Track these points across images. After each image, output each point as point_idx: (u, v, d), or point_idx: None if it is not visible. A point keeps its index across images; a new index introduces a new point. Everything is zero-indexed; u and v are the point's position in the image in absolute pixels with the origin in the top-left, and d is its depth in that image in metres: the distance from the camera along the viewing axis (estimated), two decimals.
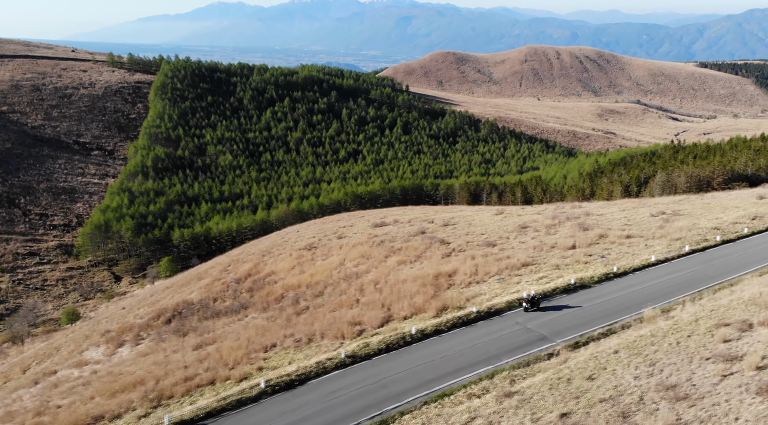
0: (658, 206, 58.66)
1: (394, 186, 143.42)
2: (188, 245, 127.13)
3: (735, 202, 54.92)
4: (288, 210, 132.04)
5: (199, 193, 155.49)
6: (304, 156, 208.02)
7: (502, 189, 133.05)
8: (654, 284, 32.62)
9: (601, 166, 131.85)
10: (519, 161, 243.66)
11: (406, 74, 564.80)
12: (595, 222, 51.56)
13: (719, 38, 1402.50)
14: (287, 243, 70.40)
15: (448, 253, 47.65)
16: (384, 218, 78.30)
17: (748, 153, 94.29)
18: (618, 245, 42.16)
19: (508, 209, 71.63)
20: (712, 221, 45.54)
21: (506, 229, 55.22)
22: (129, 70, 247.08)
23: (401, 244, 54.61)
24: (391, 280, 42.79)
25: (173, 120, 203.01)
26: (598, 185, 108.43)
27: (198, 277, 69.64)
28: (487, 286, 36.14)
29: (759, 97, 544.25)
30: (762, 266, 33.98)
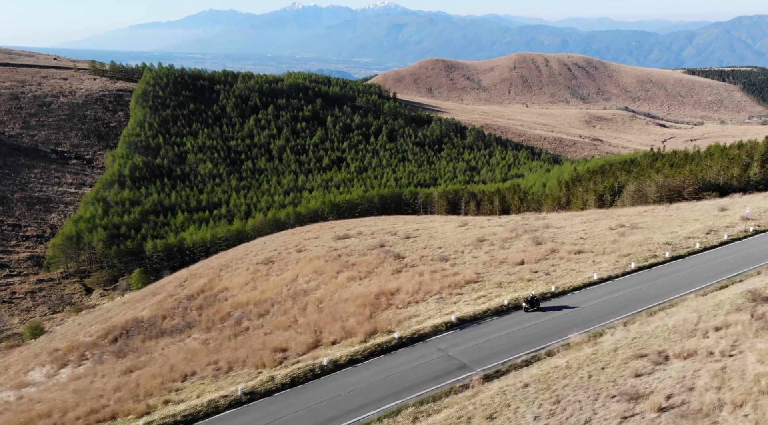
0: (620, 218, 57.42)
1: (372, 195, 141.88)
2: (161, 256, 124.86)
3: (696, 214, 53.70)
4: (264, 220, 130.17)
5: (176, 202, 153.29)
6: (286, 164, 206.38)
7: (480, 198, 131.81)
8: (591, 305, 31.15)
9: (580, 174, 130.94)
10: (504, 168, 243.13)
11: (395, 81, 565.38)
12: (552, 236, 50.19)
13: (708, 45, 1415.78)
14: (248, 256, 68.59)
15: (399, 269, 46.08)
16: (350, 229, 76.70)
17: (722, 162, 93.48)
18: (566, 261, 40.74)
19: (474, 220, 70.20)
20: (666, 236, 44.21)
21: (464, 242, 53.77)
22: (111, 78, 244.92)
23: (357, 258, 53.00)
24: (335, 298, 41.17)
25: (153, 128, 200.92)
26: (573, 194, 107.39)
27: (153, 292, 67.66)
28: (424, 306, 34.57)
29: (746, 103, 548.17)
30: (705, 285, 32.58)
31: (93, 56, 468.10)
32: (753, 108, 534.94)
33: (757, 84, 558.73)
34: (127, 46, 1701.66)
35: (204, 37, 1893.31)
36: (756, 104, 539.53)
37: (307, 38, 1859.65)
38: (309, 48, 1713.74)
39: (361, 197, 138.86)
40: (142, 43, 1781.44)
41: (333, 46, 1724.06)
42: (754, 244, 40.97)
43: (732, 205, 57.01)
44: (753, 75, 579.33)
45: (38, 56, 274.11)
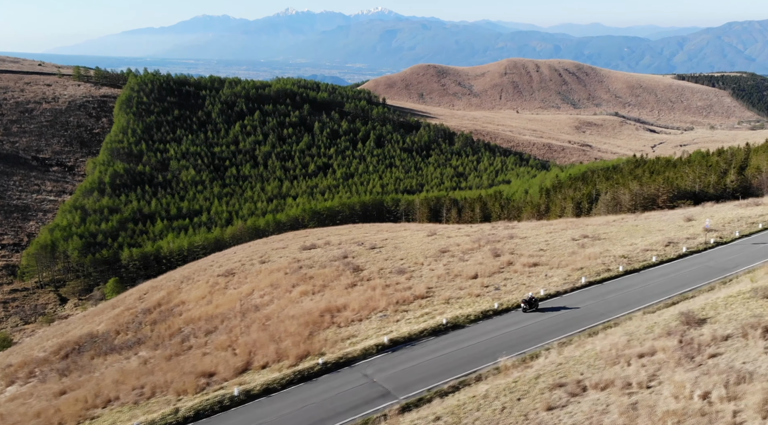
0: (587, 228, 56.28)
1: (354, 202, 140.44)
2: (137, 265, 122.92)
3: (662, 224, 52.60)
4: (243, 228, 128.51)
5: (156, 210, 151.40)
6: (271, 170, 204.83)
7: (462, 205, 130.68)
8: (531, 324, 29.85)
9: (561, 181, 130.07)
10: (491, 174, 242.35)
11: (387, 87, 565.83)
12: (513, 247, 48.97)
13: (699, 51, 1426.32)
14: (212, 268, 67.00)
15: (354, 282, 44.66)
16: (321, 239, 75.28)
17: (700, 169, 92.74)
18: (520, 274, 39.48)
19: (444, 229, 68.89)
20: (625, 248, 43.04)
21: (427, 254, 52.45)
22: (96, 84, 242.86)
23: (316, 271, 51.56)
24: (282, 315, 39.70)
25: (137, 135, 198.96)
26: (553, 202, 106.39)
27: (113, 305, 65.93)
28: (366, 325, 33.17)
29: (735, 109, 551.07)
30: (654, 302, 31.34)
31: (85, 62, 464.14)
32: (742, 113, 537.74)
33: (747, 89, 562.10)
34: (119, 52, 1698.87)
35: (197, 43, 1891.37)
36: (745, 109, 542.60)
37: (301, 44, 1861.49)
38: (302, 54, 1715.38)
39: (342, 205, 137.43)
40: (135, 49, 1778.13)
41: (326, 51, 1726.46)
42: (713, 257, 39.86)
43: (701, 214, 55.99)
44: (742, 80, 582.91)
45: (23, 62, 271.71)
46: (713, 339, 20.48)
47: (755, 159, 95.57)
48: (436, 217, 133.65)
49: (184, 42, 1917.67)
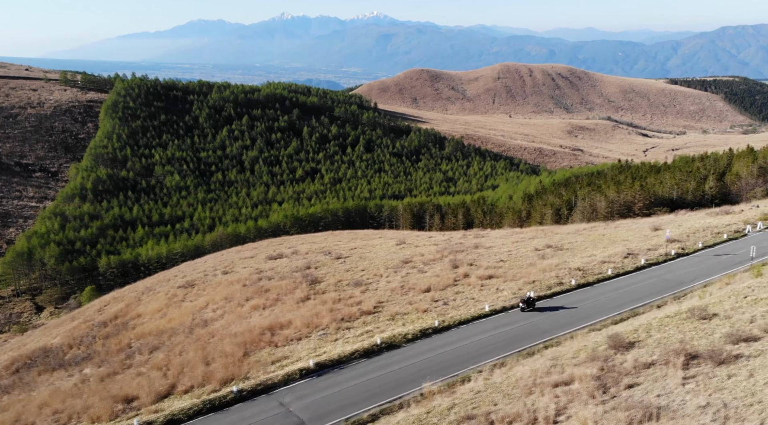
0: (556, 237, 55.03)
1: (337, 208, 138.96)
2: (115, 272, 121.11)
3: (629, 233, 51.37)
4: (224, 234, 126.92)
5: (138, 216, 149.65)
6: (258, 176, 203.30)
7: (445, 211, 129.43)
8: (468, 344, 28.48)
9: (545, 186, 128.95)
10: (481, 179, 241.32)
11: (380, 91, 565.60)
12: (475, 258, 47.66)
13: (693, 55, 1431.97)
14: (176, 278, 65.50)
15: (307, 296, 43.26)
16: (290, 247, 73.84)
17: (680, 175, 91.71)
18: (472, 288, 38.16)
19: (414, 238, 67.52)
20: (584, 259, 41.78)
21: (389, 264, 51.09)
22: (82, 88, 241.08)
23: (275, 282, 50.10)
24: (226, 333, 38.23)
25: (122, 140, 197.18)
26: (534, 208, 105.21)
27: (73, 317, 64.35)
28: (302, 345, 31.74)
29: (728, 113, 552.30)
30: (601, 319, 30.05)
31: (80, 66, 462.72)
32: (735, 117, 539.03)
33: (739, 94, 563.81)
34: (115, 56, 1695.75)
35: (193, 47, 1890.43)
36: (738, 114, 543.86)
37: (296, 48, 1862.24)
38: (298, 58, 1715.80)
39: (324, 211, 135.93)
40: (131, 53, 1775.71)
41: (322, 56, 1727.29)
42: (671, 269, 38.62)
43: (670, 223, 54.79)
44: (735, 85, 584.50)
45: (9, 67, 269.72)
46: (635, 366, 19.19)
47: (737, 165, 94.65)
48: (420, 223, 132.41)
49: (179, 46, 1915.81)
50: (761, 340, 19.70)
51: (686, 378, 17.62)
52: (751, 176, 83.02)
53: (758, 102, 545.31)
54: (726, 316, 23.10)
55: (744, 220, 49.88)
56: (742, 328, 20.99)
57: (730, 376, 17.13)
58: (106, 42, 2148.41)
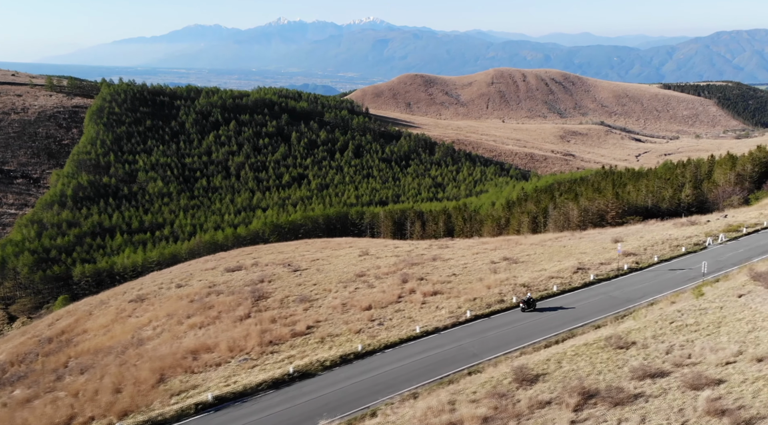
0: (517, 249, 53.43)
1: (317, 215, 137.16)
2: (90, 281, 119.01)
3: (590, 245, 49.77)
4: (201, 242, 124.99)
5: (117, 223, 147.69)
6: (244, 181, 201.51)
7: (426, 218, 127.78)
8: (389, 371, 26.77)
9: (527, 193, 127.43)
10: (470, 184, 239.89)
11: (374, 96, 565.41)
12: (428, 271, 46.03)
13: (688, 60, 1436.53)
14: (132, 291, 63.66)
15: (247, 314, 41.50)
16: (255, 258, 72.04)
17: (658, 182, 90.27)
18: (413, 305, 36.49)
19: (378, 248, 65.82)
20: (535, 274, 40.17)
21: (343, 278, 49.40)
22: (68, 94, 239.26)
23: (221, 298, 48.29)
24: (152, 355, 36.39)
25: (106, 145, 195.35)
26: (513, 216, 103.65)
27: (23, 332, 62.44)
28: (220, 371, 29.99)
29: (721, 117, 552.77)
30: (531, 342, 28.40)
31: (75, 71, 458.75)
32: (728, 122, 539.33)
33: (732, 98, 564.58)
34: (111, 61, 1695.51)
35: (189, 52, 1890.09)
36: (731, 118, 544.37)
37: (293, 53, 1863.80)
38: (294, 63, 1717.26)
39: (305, 218, 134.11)
40: (127, 58, 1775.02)
41: (318, 60, 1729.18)
42: (621, 285, 37.00)
43: (634, 234, 53.23)
44: (728, 89, 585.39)
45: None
46: (530, 406, 17.56)
47: (716, 172, 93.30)
48: (401, 230, 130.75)
49: (175, 51, 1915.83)
50: (669, 376, 18.10)
51: (574, 422, 15.99)
52: (728, 183, 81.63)
53: (751, 107, 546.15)
54: (644, 345, 21.51)
55: (707, 232, 48.32)
56: (655, 361, 19.39)
57: (621, 421, 15.51)
58: (101, 47, 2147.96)
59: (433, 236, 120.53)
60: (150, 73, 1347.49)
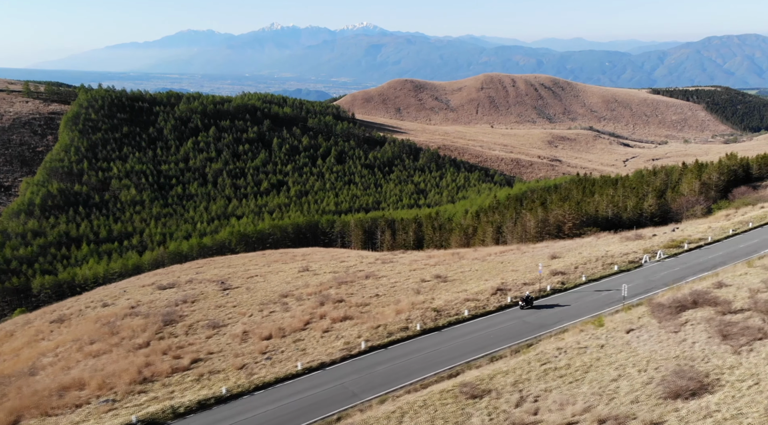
0: (455, 265, 50.94)
1: (285, 224, 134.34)
2: (49, 293, 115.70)
3: (527, 261, 47.36)
4: (165, 253, 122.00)
5: (84, 233, 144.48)
6: (221, 189, 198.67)
7: (397, 226, 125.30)
8: (244, 420, 24.14)
9: (500, 201, 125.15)
10: (453, 190, 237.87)
11: (364, 102, 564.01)
12: (353, 292, 43.49)
13: (679, 65, 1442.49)
14: (61, 309, 60.80)
15: (146, 342, 38.70)
16: (198, 273, 69.36)
17: (623, 191, 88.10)
18: (316, 333, 33.93)
19: (319, 264, 63.08)
20: (454, 295, 37.67)
21: (267, 299, 46.78)
22: (45, 100, 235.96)
23: (135, 321, 45.43)
24: (28, 390, 33.49)
25: (80, 153, 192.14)
26: (480, 225, 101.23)
27: None
28: (74, 416, 27.30)
29: (710, 122, 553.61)
30: (427, 375, 25.83)
31: (67, 76, 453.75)
32: (716, 127, 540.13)
33: (721, 103, 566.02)
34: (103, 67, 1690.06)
35: (182, 57, 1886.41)
36: (719, 123, 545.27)
37: (286, 58, 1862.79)
38: (287, 68, 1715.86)
39: (272, 227, 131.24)
40: (119, 64, 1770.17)
41: (312, 66, 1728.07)
42: (535, 310, 34.48)
43: (576, 249, 50.83)
44: (717, 94, 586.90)
45: None
46: None
47: (684, 180, 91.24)
48: (371, 239, 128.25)
49: (168, 56, 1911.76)
50: None
51: None
52: (692, 193, 79.51)
53: (740, 112, 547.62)
54: (498, 395, 19.11)
55: (646, 248, 45.93)
56: (498, 417, 16.96)
57: None
58: (94, 52, 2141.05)
59: (403, 246, 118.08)
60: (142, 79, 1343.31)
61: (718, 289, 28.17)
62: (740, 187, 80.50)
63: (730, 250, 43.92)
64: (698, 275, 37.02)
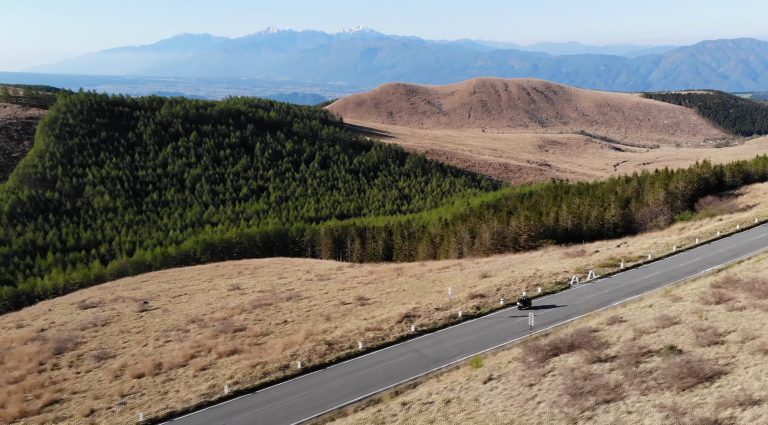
0: (388, 283, 47.98)
1: (253, 233, 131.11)
2: (8, 305, 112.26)
3: (460, 280, 44.40)
4: (127, 262, 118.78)
5: (52, 241, 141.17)
6: (198, 195, 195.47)
7: (367, 235, 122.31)
8: None
9: (473, 209, 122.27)
10: (437, 196, 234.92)
11: (356, 106, 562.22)
12: (266, 316, 40.59)
13: (674, 69, 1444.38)
14: None
15: (23, 375, 35.39)
16: (134, 289, 66.26)
17: (589, 200, 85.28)
18: (191, 371, 30.87)
19: (249, 283, 59.46)
20: (358, 323, 34.61)
21: (173, 325, 43.36)
22: (24, 105, 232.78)
23: (26, 348, 41.99)
24: None
25: (55, 158, 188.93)
26: (446, 235, 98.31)
27: None
28: None
29: (702, 126, 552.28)
30: None
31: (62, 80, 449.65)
32: (708, 131, 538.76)
33: (713, 107, 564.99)
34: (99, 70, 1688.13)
35: (178, 61, 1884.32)
36: (711, 127, 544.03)
37: (282, 62, 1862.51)
38: (284, 71, 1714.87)
39: (239, 236, 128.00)
40: (115, 67, 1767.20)
41: (308, 69, 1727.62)
42: (441, 339, 31.60)
43: (511, 267, 47.85)
44: (709, 98, 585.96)
45: None
46: None
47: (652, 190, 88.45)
48: (341, 248, 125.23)
49: (164, 60, 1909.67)
50: None
51: None
52: (657, 202, 76.70)
53: (732, 115, 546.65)
54: None
55: (579, 267, 42.97)
56: None
57: None
58: (90, 56, 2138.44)
59: (373, 256, 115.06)
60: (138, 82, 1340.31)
61: (609, 326, 25.25)
62: (707, 197, 77.71)
63: (668, 270, 41.01)
64: (622, 300, 34.09)
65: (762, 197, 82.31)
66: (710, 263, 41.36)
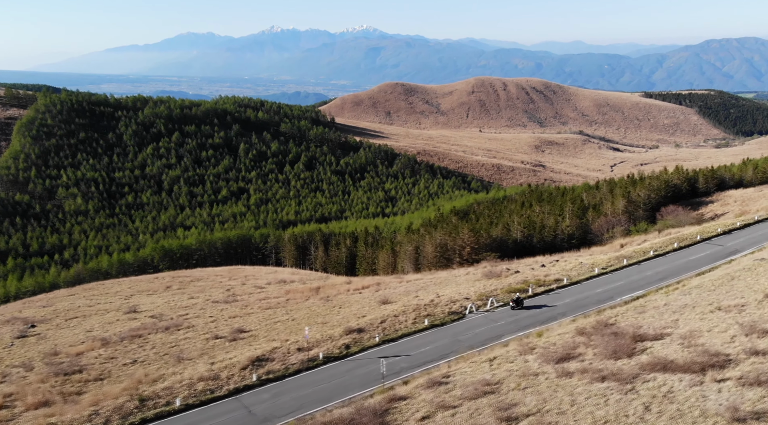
0: (292, 307, 43.59)
1: (214, 239, 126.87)
2: None
3: (356, 306, 40.01)
4: (83, 269, 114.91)
5: (14, 246, 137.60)
6: (176, 197, 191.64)
7: (332, 241, 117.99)
8: None
9: (444, 215, 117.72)
10: (425, 197, 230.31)
11: (354, 105, 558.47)
12: (122, 353, 36.23)
13: (678, 68, 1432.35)
14: None
15: None
16: (32, 309, 61.85)
17: (549, 208, 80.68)
18: None
19: (151, 304, 55.17)
20: (202, 367, 30.03)
21: (25, 359, 38.36)
22: (5, 105, 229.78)
23: None
24: None
25: (29, 160, 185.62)
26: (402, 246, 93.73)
27: None
28: None
29: (702, 126, 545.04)
30: None
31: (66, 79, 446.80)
32: (709, 131, 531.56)
33: (714, 107, 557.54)
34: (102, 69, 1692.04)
35: (181, 60, 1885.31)
36: (712, 127, 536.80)
37: (285, 61, 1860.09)
38: (287, 71, 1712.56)
39: (199, 242, 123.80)
40: (118, 67, 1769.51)
41: (311, 68, 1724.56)
42: (285, 389, 27.09)
43: (416, 291, 43.31)
44: (710, 98, 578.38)
45: None
46: None
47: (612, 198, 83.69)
48: (305, 255, 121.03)
49: (168, 59, 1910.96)
50: None
51: None
52: (615, 212, 72.04)
53: (732, 115, 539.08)
54: None
55: (483, 292, 38.51)
56: None
57: None
58: (93, 55, 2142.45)
59: (336, 264, 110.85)
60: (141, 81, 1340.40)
61: (422, 391, 20.68)
62: (669, 206, 72.89)
63: (579, 297, 36.49)
64: (500, 340, 29.46)
65: (732, 206, 77.62)
66: (630, 289, 36.82)
